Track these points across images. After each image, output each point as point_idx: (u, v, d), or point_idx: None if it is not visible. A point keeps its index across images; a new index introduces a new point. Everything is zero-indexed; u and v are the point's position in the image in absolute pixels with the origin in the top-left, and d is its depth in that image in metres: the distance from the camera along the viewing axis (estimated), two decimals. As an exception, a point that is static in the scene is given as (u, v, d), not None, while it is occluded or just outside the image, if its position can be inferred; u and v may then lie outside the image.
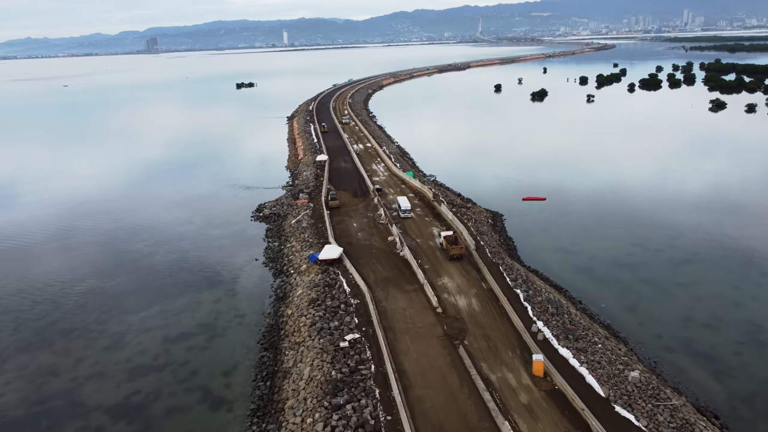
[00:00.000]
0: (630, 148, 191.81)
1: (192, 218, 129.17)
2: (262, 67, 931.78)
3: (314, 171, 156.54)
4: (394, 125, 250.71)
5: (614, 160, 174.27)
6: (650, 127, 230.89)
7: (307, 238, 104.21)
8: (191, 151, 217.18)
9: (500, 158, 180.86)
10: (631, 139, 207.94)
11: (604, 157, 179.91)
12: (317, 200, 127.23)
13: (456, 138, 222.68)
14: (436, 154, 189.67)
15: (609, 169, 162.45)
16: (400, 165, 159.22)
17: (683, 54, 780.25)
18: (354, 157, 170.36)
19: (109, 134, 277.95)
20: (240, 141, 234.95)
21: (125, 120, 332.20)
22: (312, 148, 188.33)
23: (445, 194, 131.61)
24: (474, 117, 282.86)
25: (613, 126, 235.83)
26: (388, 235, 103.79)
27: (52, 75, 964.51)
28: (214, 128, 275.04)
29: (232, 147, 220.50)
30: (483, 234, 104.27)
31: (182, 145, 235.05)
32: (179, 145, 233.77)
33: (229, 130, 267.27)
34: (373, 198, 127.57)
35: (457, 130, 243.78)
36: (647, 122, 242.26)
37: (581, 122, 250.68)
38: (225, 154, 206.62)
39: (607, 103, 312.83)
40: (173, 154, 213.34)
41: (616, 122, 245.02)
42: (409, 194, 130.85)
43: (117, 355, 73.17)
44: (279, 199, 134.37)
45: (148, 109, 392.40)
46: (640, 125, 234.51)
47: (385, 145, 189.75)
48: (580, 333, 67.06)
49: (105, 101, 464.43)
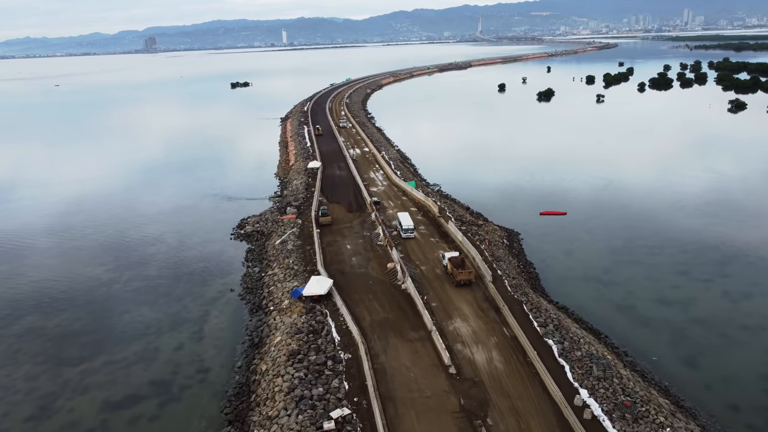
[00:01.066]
0: (652, 153, 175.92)
1: (163, 236, 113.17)
2: (260, 67, 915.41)
3: (305, 180, 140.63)
4: (393, 127, 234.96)
5: (637, 167, 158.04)
6: (669, 129, 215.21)
7: (291, 264, 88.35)
8: (174, 156, 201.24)
9: (511, 165, 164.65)
10: (651, 142, 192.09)
11: (625, 164, 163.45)
12: (306, 216, 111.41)
13: (461, 142, 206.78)
14: (439, 160, 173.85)
15: (633, 178, 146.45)
16: (400, 173, 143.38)
17: (688, 53, 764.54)
18: (350, 163, 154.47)
19: (89, 136, 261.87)
20: (228, 144, 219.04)
21: (109, 121, 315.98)
22: (305, 153, 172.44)
23: (451, 208, 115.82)
24: (479, 118, 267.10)
25: (628, 128, 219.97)
26: (387, 261, 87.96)
27: (46, 74, 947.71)
28: (202, 130, 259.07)
29: (218, 151, 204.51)
30: (499, 259, 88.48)
31: (165, 148, 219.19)
32: (162, 149, 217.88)
33: (217, 132, 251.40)
34: (370, 213, 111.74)
35: (462, 133, 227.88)
36: (664, 124, 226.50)
37: (594, 124, 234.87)
38: (210, 159, 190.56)
39: (618, 104, 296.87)
40: (154, 159, 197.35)
41: (631, 124, 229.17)
42: (411, 208, 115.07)
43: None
44: (264, 214, 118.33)
45: (136, 110, 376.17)
46: (657, 127, 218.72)
47: (384, 150, 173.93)
48: (640, 409, 51.19)
49: (93, 101, 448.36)
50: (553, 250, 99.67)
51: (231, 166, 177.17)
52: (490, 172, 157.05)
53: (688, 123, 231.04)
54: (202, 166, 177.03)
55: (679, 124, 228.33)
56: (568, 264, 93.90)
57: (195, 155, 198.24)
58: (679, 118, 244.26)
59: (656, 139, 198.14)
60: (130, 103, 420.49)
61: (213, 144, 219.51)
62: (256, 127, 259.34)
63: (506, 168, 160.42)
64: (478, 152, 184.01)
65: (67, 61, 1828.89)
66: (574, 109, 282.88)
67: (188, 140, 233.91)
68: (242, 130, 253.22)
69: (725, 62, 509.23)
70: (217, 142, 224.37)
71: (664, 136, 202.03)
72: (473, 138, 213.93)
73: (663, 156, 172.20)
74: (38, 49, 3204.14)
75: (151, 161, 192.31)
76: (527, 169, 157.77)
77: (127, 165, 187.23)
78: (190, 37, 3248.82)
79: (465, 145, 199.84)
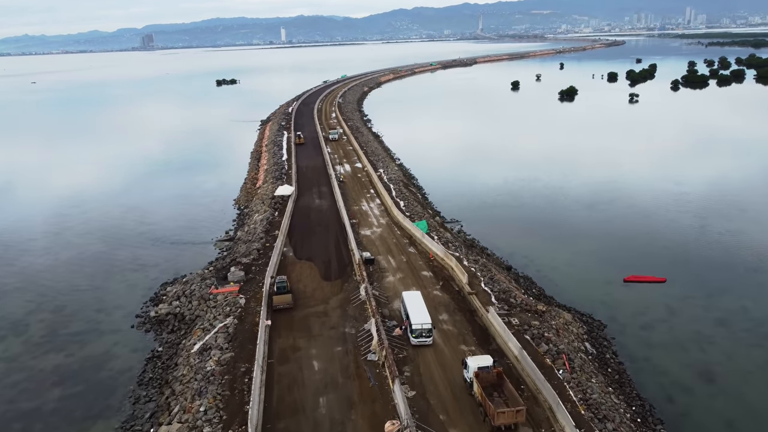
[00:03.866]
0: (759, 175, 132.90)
1: (27, 327, 70.96)
2: (253, 64, 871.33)
3: (269, 214, 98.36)
4: (394, 133, 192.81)
5: (748, 197, 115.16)
6: (748, 140, 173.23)
7: (200, 419, 46.23)
8: (116, 173, 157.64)
9: (554, 191, 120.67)
10: (745, 159, 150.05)
11: (724, 192, 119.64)
12: (256, 286, 69.39)
13: (479, 153, 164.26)
14: (456, 181, 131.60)
15: (748, 212, 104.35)
16: (405, 204, 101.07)
17: (703, 50, 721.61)
18: (334, 188, 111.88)
19: (25, 140, 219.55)
20: (189, 156, 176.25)
21: (64, 122, 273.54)
22: (277, 171, 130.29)
23: (485, 269, 73.84)
24: (496, 122, 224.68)
25: (690, 137, 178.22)
26: (384, 412, 46.04)
27: (29, 71, 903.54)
28: (163, 137, 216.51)
29: (172, 166, 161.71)
30: (588, 390, 46.81)
31: (110, 162, 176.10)
32: (106, 162, 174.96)
33: (181, 139, 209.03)
34: (358, 284, 69.60)
35: (478, 141, 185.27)
36: (734, 132, 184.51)
37: (641, 130, 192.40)
38: (158, 178, 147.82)
39: (655, 104, 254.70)
40: (87, 178, 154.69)
41: (691, 131, 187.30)
42: (423, 272, 73.17)
43: None
44: (191, 281, 75.68)
45: (100, 110, 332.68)
46: (725, 136, 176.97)
47: (383, 166, 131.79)
48: None
49: (59, 99, 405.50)
50: (669, 359, 57.80)
51: (179, 188, 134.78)
52: (527, 199, 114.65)
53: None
54: (139, 191, 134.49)
55: (759, 133, 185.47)
56: (709, 396, 52.03)
57: (137, 172, 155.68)
58: (745, 123, 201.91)
59: (745, 155, 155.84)
60: (95, 102, 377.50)
61: (167, 158, 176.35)
62: (229, 133, 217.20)
63: (549, 195, 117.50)
64: (505, 168, 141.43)
65: (61, 59, 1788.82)
66: (607, 110, 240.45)
67: (139, 150, 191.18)
68: (211, 137, 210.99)
69: (753, 58, 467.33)
70: (174, 154, 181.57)
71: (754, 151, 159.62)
72: (494, 148, 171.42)
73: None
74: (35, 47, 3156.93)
75: (81, 182, 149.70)
76: (581, 197, 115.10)
77: (48, 186, 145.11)
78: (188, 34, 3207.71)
79: (485, 157, 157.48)
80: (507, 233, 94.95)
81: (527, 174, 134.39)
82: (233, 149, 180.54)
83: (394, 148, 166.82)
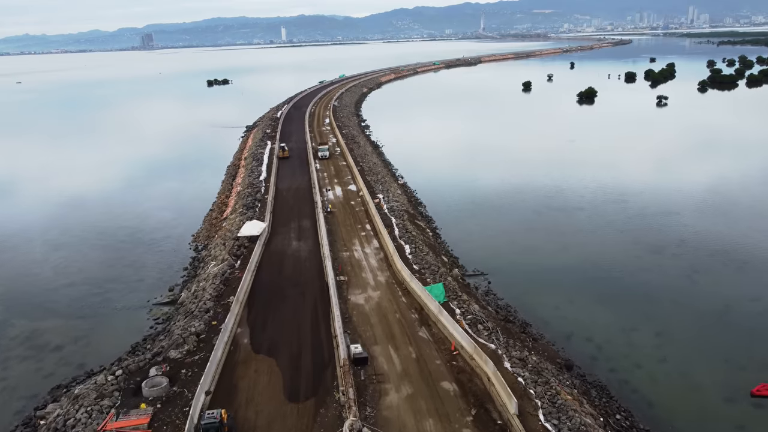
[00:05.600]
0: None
1: None
2: (251, 63, 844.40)
3: (227, 266, 72.17)
4: (396, 141, 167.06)
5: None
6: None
7: None
8: (50, 193, 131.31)
9: (615, 230, 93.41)
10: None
11: None
12: (177, 424, 43.20)
13: (499, 169, 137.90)
14: (474, 209, 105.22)
15: None
16: (412, 250, 74.83)
17: (715, 49, 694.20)
18: (320, 224, 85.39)
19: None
20: (151, 172, 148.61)
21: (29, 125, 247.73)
22: (251, 196, 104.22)
23: (538, 374, 47.78)
24: (513, 129, 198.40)
25: (749, 150, 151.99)
26: None
27: (21, 71, 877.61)
28: (129, 146, 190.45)
29: (128, 184, 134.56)
30: None
31: (48, 177, 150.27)
32: (41, 177, 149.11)
33: (149, 150, 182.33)
34: (344, 411, 43.39)
35: (496, 154, 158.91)
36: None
37: (688, 140, 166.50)
38: (102, 202, 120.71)
39: (687, 107, 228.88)
40: (21, 200, 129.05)
41: (749, 144, 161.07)
42: (443, 383, 47.06)
43: None
44: (82, 397, 48.98)
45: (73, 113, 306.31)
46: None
47: (383, 189, 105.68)
48: None
49: (38, 101, 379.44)
50: None
51: (127, 217, 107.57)
52: (576, 240, 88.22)
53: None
54: (71, 217, 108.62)
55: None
56: None
57: (80, 191, 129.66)
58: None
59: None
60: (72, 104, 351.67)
61: (126, 171, 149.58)
62: (208, 140, 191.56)
63: (610, 237, 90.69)
64: (533, 192, 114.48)
65: (58, 58, 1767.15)
66: (636, 115, 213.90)
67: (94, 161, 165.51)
68: (185, 146, 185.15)
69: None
70: (136, 167, 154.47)
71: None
72: (516, 164, 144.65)
73: None
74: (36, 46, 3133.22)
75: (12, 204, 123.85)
76: (662, 242, 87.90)
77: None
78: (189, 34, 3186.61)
79: (506, 176, 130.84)
80: (553, 293, 68.87)
81: (566, 201, 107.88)
82: (206, 163, 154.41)
83: (396, 162, 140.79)
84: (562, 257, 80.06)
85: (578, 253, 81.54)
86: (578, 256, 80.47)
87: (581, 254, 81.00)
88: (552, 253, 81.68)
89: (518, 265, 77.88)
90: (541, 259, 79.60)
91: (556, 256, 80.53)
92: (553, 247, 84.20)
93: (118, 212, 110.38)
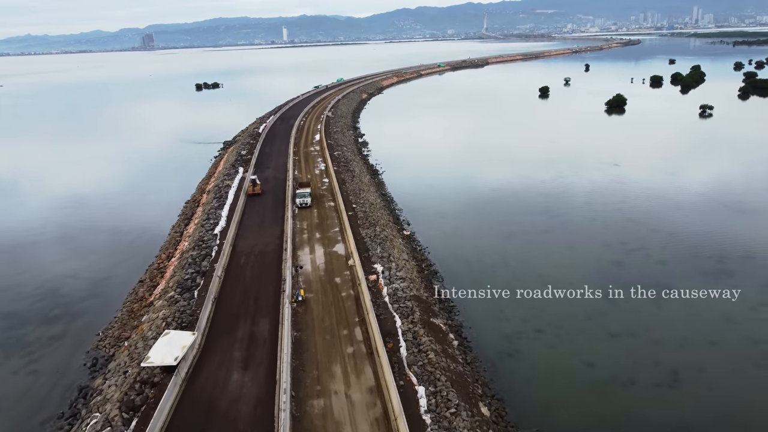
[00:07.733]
0: None
1: None
2: (249, 65, 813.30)
3: (128, 406, 40.86)
4: (399, 165, 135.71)
5: None
6: None
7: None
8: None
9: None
10: None
11: None
12: None
13: (530, 217, 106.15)
14: (526, 284, 73.63)
15: None
16: (430, 405, 43.39)
17: (731, 49, 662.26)
18: (283, 332, 53.73)
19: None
20: (88, 211, 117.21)
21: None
22: (193, 267, 72.74)
23: None
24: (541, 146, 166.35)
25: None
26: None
27: (9, 73, 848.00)
28: (71, 172, 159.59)
29: (47, 236, 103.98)
30: None
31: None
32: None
33: (95, 178, 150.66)
34: None
35: (537, 188, 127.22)
36: None
37: (754, 161, 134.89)
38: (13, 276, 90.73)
39: (740, 120, 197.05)
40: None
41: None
42: None
43: None
44: None
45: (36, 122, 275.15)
46: None
47: (383, 252, 74.15)
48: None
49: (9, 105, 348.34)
50: None
51: (35, 303, 76.98)
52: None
53: None
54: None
55: None
56: None
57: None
58: None
59: None
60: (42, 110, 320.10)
61: (51, 208, 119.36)
62: (175, 162, 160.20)
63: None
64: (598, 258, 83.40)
65: (56, 59, 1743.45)
66: (680, 130, 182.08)
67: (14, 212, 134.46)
68: (145, 171, 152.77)
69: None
70: (66, 201, 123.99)
71: None
72: (566, 211, 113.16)
73: None
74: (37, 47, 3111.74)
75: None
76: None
77: None
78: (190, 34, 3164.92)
79: (568, 235, 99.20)
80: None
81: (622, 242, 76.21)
82: (162, 197, 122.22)
83: (400, 197, 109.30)
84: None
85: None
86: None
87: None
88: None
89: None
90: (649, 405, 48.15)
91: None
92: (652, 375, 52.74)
93: (52, 277, 79.09)
